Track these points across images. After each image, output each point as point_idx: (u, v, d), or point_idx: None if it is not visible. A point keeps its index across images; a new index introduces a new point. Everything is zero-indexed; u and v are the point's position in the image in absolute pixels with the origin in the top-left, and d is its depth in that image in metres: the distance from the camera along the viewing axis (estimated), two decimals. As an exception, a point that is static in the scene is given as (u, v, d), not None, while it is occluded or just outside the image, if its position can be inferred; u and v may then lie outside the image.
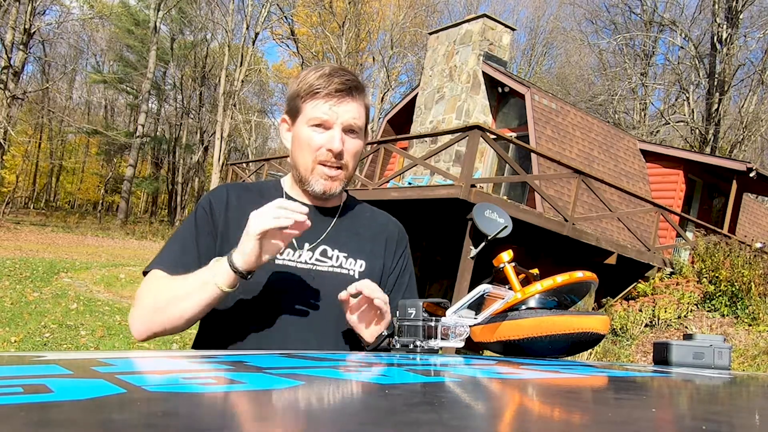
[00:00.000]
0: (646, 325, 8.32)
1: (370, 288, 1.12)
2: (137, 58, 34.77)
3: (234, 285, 1.09)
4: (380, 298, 1.12)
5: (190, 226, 1.26)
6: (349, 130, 1.22)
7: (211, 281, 1.08)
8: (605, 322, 1.08)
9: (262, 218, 1.04)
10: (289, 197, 1.30)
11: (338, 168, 1.23)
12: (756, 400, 0.77)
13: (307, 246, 1.25)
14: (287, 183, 1.34)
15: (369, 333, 1.17)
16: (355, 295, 1.14)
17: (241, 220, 1.24)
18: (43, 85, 29.48)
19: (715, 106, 22.01)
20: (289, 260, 1.22)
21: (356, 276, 1.27)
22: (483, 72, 11.90)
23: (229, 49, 28.91)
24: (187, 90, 37.04)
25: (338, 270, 1.26)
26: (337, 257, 1.27)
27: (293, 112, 1.25)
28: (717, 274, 8.64)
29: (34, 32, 24.56)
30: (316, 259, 1.25)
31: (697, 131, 23.01)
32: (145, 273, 1.24)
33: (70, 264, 14.00)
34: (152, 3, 31.42)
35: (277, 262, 1.21)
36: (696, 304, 8.57)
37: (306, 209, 1.05)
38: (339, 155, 1.21)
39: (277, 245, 1.09)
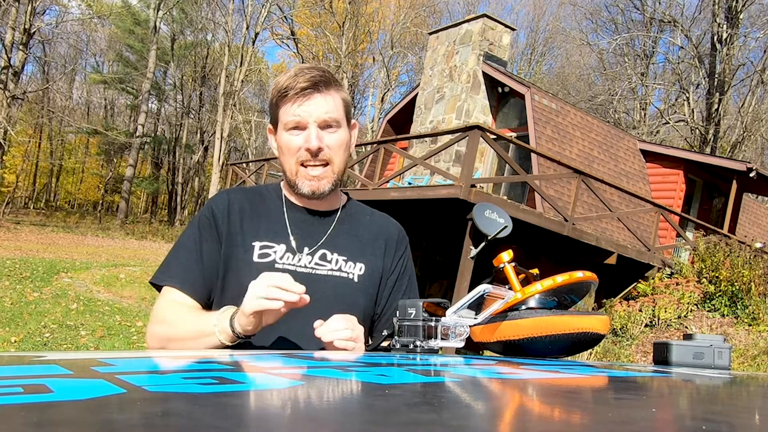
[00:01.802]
0: (646, 325, 8.32)
1: (330, 331, 1.09)
2: (137, 58, 34.77)
3: (235, 341, 1.09)
4: (341, 338, 1.08)
5: (193, 235, 1.26)
6: (325, 126, 1.22)
7: (215, 335, 1.09)
8: (605, 322, 1.08)
9: (254, 296, 1.02)
10: (288, 201, 1.31)
11: (323, 165, 1.23)
12: (756, 400, 0.77)
13: (306, 250, 1.25)
14: (286, 186, 1.34)
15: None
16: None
17: (243, 224, 1.25)
18: (43, 85, 29.48)
19: (715, 106, 22.01)
20: (289, 264, 1.22)
21: (355, 279, 1.27)
22: (483, 72, 11.90)
23: (229, 49, 28.91)
24: (187, 90, 37.05)
25: (338, 274, 1.26)
26: (337, 261, 1.26)
27: (274, 121, 1.27)
28: (717, 274, 8.64)
29: (34, 32, 24.56)
30: (316, 263, 1.24)
31: (697, 131, 23.01)
32: (152, 284, 1.27)
33: (70, 264, 14.00)
34: (152, 3, 31.42)
35: (276, 266, 1.21)
36: (696, 304, 8.57)
37: (302, 288, 1.02)
38: (317, 152, 1.21)
39: (276, 313, 1.06)
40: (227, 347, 1.11)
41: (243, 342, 1.10)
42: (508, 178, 9.99)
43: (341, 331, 1.09)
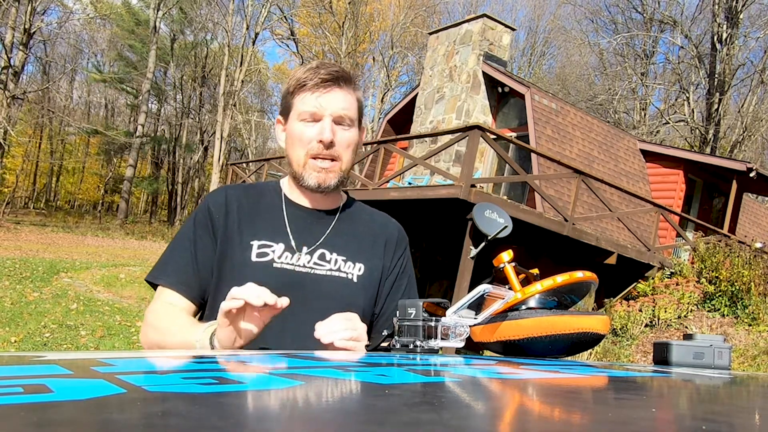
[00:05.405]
0: (646, 325, 8.32)
1: (330, 332, 1.06)
2: (138, 58, 34.78)
3: None
4: (342, 338, 1.05)
5: (189, 233, 1.25)
6: (339, 122, 1.21)
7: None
8: (605, 322, 1.08)
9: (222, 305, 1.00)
10: (288, 199, 1.30)
11: (332, 160, 1.22)
12: (756, 400, 0.77)
13: (305, 249, 1.24)
14: (286, 184, 1.33)
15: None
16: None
17: (242, 223, 1.24)
18: (43, 85, 29.47)
19: (715, 106, 22.01)
20: (288, 263, 1.21)
21: (354, 279, 1.26)
22: (483, 72, 11.90)
23: (229, 50, 28.91)
24: (187, 90, 37.03)
25: (336, 274, 1.25)
26: (336, 261, 1.25)
27: (285, 111, 1.26)
28: (717, 274, 8.63)
29: (34, 32, 24.56)
30: (315, 263, 1.23)
31: (697, 131, 23.02)
32: (148, 281, 1.26)
33: (70, 264, 14.00)
34: (152, 2, 31.42)
35: (275, 265, 1.21)
36: (696, 304, 8.57)
37: (283, 300, 0.98)
38: (330, 145, 1.20)
39: (250, 330, 1.02)
40: None
41: None
42: (508, 178, 9.99)
43: (342, 331, 1.07)
